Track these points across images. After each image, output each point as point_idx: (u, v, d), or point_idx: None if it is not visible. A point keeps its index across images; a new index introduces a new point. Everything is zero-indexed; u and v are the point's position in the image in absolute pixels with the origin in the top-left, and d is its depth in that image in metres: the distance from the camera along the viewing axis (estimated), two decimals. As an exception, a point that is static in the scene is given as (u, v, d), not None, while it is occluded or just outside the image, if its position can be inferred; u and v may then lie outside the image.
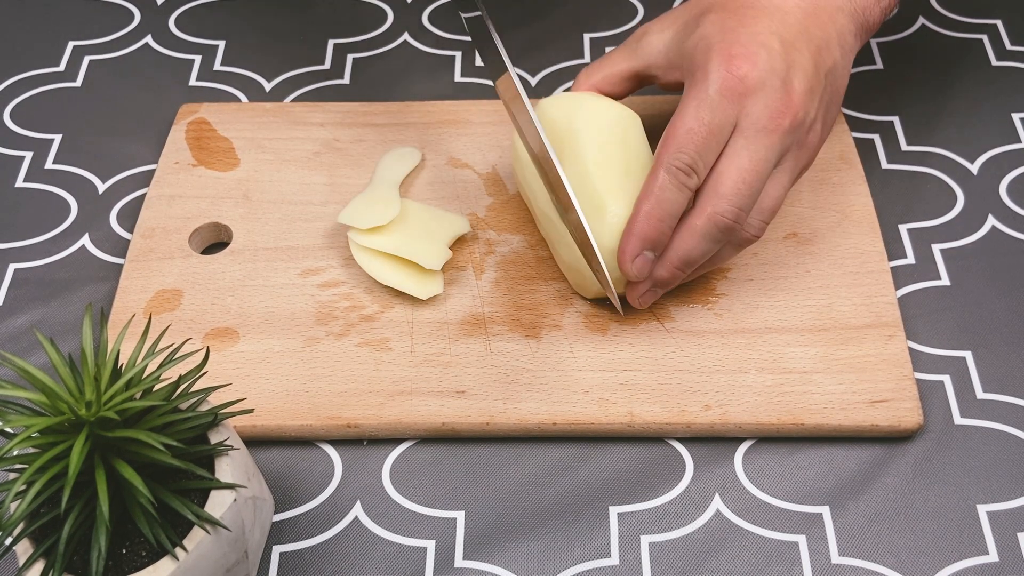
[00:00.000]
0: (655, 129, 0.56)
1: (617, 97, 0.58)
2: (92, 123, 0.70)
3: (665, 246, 0.52)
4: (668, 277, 0.53)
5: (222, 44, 0.75)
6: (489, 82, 0.71)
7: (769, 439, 0.53)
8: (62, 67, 0.74)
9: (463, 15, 0.57)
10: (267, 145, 0.66)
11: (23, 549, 0.43)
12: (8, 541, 0.43)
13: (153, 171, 0.66)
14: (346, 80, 0.72)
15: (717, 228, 0.51)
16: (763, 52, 0.50)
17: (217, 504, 0.44)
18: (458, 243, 0.61)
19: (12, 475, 0.48)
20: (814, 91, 0.51)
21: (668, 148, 0.50)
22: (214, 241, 0.63)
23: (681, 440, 0.54)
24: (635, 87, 0.58)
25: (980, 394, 0.55)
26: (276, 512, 0.52)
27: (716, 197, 0.50)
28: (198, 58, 0.74)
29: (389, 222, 0.58)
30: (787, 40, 0.51)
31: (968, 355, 0.56)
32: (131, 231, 0.63)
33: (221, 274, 0.60)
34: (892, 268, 0.59)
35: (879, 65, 0.71)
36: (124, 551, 0.43)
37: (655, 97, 0.67)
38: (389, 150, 0.65)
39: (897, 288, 0.59)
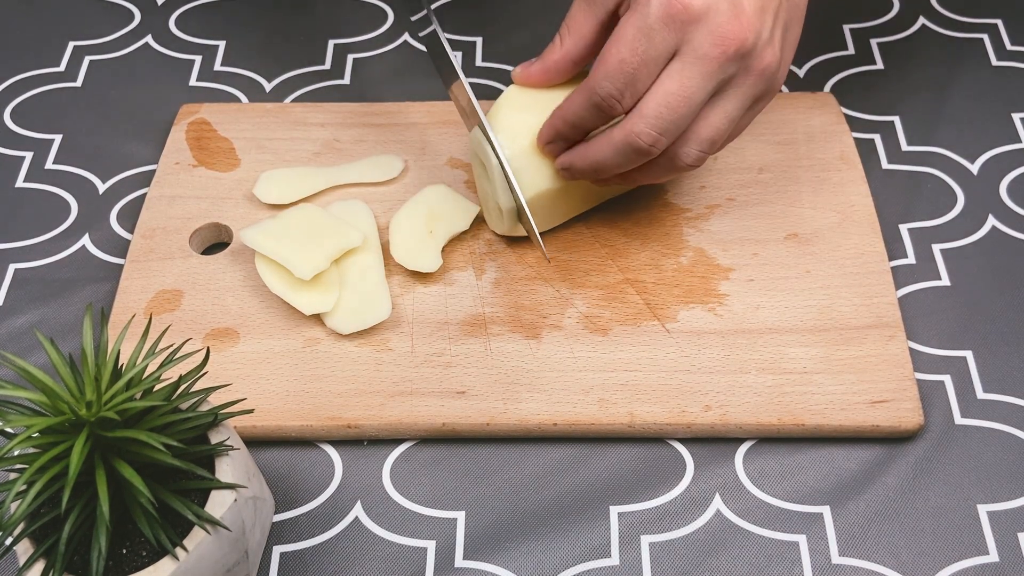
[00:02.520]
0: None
1: (591, 55, 0.55)
2: (92, 123, 0.70)
3: (577, 139, 0.53)
4: (581, 169, 0.53)
5: (222, 44, 0.75)
6: (492, 82, 0.71)
7: (769, 439, 0.53)
8: (62, 67, 0.74)
9: (419, 33, 0.57)
10: (267, 145, 0.66)
11: (23, 549, 0.43)
12: (8, 541, 0.43)
13: (153, 171, 0.66)
14: (346, 80, 0.72)
15: (631, 147, 0.50)
16: None
17: (217, 504, 0.44)
18: (458, 243, 0.61)
19: (12, 475, 0.48)
20: (766, 9, 0.49)
21: (596, 74, 0.50)
22: (214, 241, 0.63)
23: (681, 440, 0.54)
24: (606, 35, 0.54)
25: (980, 394, 0.55)
26: (276, 512, 0.52)
27: (638, 117, 0.49)
28: (198, 58, 0.74)
29: (278, 223, 0.58)
30: None
31: (968, 355, 0.56)
32: (131, 231, 0.63)
33: (221, 274, 0.60)
34: (892, 268, 0.59)
35: (879, 65, 0.71)
36: (124, 551, 0.43)
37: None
38: (374, 155, 0.65)
39: (897, 288, 0.59)
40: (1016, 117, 0.67)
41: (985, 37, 0.72)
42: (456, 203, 0.61)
